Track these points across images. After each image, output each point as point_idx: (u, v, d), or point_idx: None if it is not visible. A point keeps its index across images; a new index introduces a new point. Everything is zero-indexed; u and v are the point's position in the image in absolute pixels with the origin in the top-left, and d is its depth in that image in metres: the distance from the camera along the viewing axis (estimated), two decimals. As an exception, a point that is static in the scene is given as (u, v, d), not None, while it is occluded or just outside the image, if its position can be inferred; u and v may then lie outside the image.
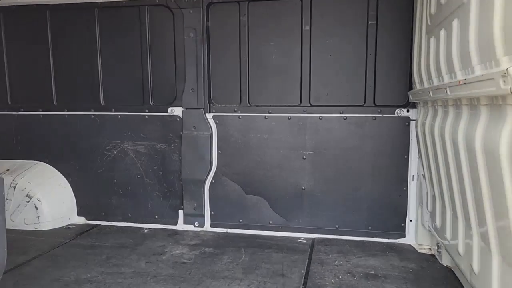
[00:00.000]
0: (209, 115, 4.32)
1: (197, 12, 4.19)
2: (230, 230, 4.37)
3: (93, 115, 4.59)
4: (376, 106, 4.02)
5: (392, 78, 3.98)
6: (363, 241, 4.06)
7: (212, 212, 4.42)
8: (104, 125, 4.58)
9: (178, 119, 4.37)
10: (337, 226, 4.15)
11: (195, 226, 4.43)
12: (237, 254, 3.70)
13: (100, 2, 4.42)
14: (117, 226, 4.58)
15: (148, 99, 4.46)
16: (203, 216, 4.41)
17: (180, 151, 4.37)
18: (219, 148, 4.34)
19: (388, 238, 4.05)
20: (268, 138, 4.23)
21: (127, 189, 4.59)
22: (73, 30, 4.56)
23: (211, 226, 4.42)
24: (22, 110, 4.76)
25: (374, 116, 4.01)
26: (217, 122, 4.32)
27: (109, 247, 3.90)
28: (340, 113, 4.07)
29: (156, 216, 4.54)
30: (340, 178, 4.12)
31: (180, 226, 4.48)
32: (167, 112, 4.39)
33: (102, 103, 4.58)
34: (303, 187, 4.20)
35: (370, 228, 4.09)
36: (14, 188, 4.45)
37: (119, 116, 4.53)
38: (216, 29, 4.27)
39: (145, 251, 3.80)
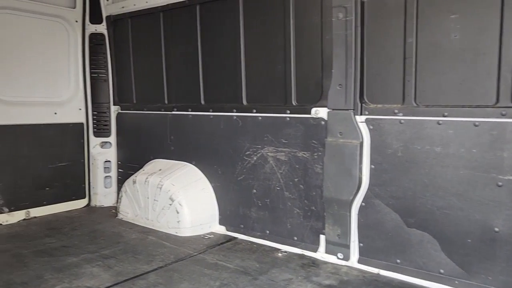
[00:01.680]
0: (360, 118, 3.32)
1: (348, -15, 3.25)
2: (382, 272, 3.28)
3: (235, 116, 4.14)
4: None
5: None
6: None
7: (361, 244, 3.40)
8: (245, 128, 4.07)
9: (322, 123, 3.52)
10: (554, 298, 2.61)
11: (338, 258, 3.50)
12: (379, 315, 2.64)
13: None
14: (253, 242, 4.01)
15: (290, 98, 3.75)
16: (348, 247, 3.44)
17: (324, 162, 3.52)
18: (372, 161, 3.29)
19: None
20: (441, 153, 2.97)
21: (266, 202, 3.98)
22: (220, 26, 4.22)
23: (358, 262, 3.41)
24: (175, 110, 4.69)
25: None
26: (371, 127, 3.28)
27: (231, 270, 3.34)
28: None
29: (295, 238, 3.79)
30: None
31: (321, 255, 3.61)
32: (310, 113, 3.59)
33: (244, 102, 4.09)
34: (496, 229, 2.78)
35: None
36: (160, 189, 4.38)
37: (260, 118, 3.95)
38: (374, 4, 3.22)
39: (264, 284, 3.09)
